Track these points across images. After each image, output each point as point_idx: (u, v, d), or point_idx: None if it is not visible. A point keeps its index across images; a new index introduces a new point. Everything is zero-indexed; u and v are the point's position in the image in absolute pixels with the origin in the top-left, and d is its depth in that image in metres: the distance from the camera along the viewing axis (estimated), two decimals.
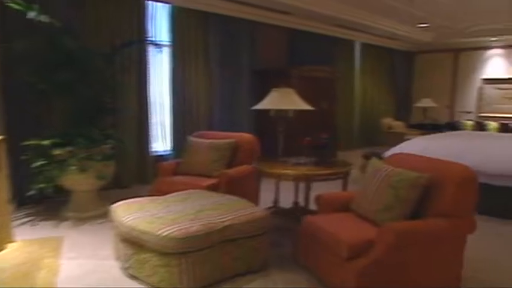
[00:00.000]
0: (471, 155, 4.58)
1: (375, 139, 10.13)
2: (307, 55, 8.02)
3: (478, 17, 8.14)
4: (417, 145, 5.33)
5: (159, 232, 2.65)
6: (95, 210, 4.35)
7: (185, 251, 2.64)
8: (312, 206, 3.58)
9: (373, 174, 3.06)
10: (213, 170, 4.28)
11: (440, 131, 9.76)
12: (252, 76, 7.05)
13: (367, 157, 6.14)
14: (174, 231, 2.64)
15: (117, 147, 4.66)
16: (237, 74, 6.88)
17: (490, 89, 9.98)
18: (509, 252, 3.58)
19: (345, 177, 3.89)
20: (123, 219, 2.93)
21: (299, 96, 4.17)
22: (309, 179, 3.77)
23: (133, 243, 2.84)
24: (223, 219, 2.87)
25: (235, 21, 6.74)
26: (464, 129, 9.42)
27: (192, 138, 4.72)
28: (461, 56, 10.50)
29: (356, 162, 6.34)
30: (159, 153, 6.18)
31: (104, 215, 4.04)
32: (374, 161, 3.27)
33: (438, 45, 10.41)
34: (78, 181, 4.24)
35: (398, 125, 9.88)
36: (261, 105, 4.13)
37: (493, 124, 9.33)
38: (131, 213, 2.98)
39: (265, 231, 3.06)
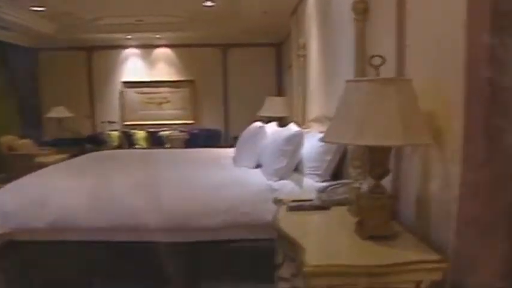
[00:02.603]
0: (130, 203, 2.76)
1: None
2: None
3: (106, 7, 6.60)
4: (26, 194, 2.83)
5: None
6: None
7: None
8: None
9: None
10: None
11: (83, 146, 8.00)
12: None
13: None
14: None
15: None
16: None
17: (131, 94, 8.78)
18: None
19: None
20: None
21: None
22: None
23: None
24: None
25: None
26: (110, 142, 7.89)
27: None
28: (95, 55, 8.84)
29: None
30: None
31: None
32: None
33: (66, 41, 8.31)
34: None
35: (24, 144, 7.24)
36: None
37: (140, 133, 8.18)
38: None
39: None
